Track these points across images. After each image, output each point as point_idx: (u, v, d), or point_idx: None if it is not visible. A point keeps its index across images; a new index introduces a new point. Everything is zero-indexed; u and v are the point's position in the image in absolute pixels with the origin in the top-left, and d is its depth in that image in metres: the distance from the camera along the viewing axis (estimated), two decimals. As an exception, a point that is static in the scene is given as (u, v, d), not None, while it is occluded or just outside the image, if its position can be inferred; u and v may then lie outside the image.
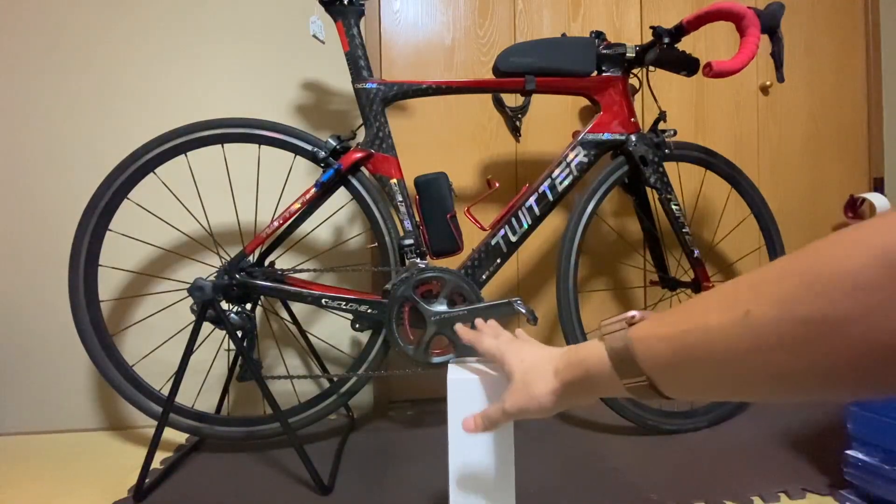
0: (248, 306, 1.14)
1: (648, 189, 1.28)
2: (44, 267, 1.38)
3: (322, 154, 1.12)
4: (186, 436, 1.32)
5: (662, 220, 1.62)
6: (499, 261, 1.17)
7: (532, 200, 1.18)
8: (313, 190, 1.11)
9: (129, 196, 1.14)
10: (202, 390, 1.41)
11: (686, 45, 1.63)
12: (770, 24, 1.10)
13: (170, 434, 1.32)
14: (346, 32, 1.12)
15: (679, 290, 1.37)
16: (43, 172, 1.38)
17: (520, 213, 1.18)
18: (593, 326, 1.61)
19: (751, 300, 0.32)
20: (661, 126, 1.24)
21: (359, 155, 1.12)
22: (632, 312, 0.45)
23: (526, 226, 1.17)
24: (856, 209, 1.66)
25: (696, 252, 1.27)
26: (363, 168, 1.16)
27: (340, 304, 1.11)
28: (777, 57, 1.13)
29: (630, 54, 1.19)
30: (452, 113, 1.54)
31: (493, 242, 1.16)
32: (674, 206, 1.25)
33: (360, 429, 1.36)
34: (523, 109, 1.55)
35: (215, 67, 1.43)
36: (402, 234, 1.16)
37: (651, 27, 1.14)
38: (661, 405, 1.27)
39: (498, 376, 0.66)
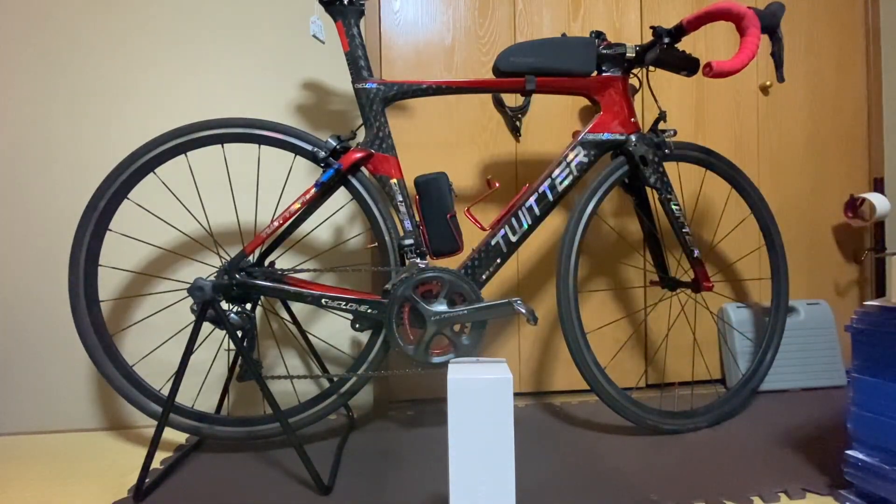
0: (248, 306, 1.14)
1: (648, 189, 1.28)
2: (43, 267, 1.38)
3: (322, 154, 1.12)
4: (186, 436, 1.32)
5: (662, 220, 1.62)
6: (499, 261, 1.17)
7: (532, 200, 1.18)
8: (313, 190, 1.11)
9: (129, 196, 1.14)
10: (202, 390, 1.41)
11: (686, 45, 1.63)
12: (770, 24, 1.10)
13: (170, 434, 1.32)
14: (346, 32, 1.12)
15: (679, 290, 1.37)
16: (43, 172, 1.38)
17: (520, 213, 1.18)
18: (593, 326, 1.61)
19: None
20: (661, 126, 1.25)
21: (359, 155, 1.13)
22: None
23: (526, 226, 1.17)
24: (856, 209, 1.66)
25: (696, 252, 1.27)
26: (363, 168, 1.16)
27: (340, 304, 1.11)
28: (777, 57, 1.14)
29: (630, 54, 1.19)
30: (452, 113, 1.54)
31: (493, 242, 1.16)
32: (674, 206, 1.25)
33: (360, 429, 1.35)
34: (523, 109, 1.55)
35: (215, 67, 1.43)
36: (402, 234, 1.16)
37: (651, 27, 1.15)
38: (660, 405, 1.27)
39: (498, 376, 0.66)
